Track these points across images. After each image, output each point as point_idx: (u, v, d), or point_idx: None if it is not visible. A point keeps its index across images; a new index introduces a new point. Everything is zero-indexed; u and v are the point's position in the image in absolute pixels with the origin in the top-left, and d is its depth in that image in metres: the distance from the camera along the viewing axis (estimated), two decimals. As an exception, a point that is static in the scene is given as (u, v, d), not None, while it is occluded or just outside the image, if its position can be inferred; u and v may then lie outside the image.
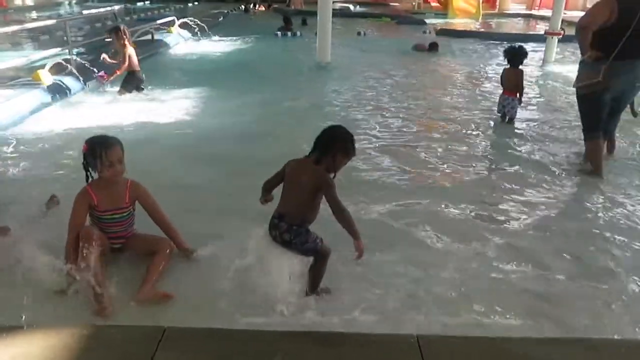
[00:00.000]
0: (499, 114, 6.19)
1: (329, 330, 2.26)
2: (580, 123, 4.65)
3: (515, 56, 6.05)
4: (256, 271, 2.68)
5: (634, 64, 4.16)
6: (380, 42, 13.69)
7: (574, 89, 4.56)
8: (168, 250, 2.94)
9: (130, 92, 6.91)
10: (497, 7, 22.04)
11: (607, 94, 4.26)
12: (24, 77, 6.93)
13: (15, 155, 4.77)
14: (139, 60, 7.08)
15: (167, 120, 5.98)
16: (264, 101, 6.90)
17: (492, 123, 6.17)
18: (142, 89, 7.07)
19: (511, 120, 6.07)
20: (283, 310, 2.49)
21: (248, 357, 2.04)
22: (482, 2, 19.52)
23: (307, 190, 2.49)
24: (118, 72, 6.95)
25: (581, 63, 4.41)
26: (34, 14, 20.50)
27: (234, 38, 13.56)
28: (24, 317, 2.36)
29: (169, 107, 6.50)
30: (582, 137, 4.64)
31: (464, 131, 5.80)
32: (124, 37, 6.76)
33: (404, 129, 5.82)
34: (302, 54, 11.05)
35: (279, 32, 14.26)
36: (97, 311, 2.49)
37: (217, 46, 12.35)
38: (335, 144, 2.48)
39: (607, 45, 4.09)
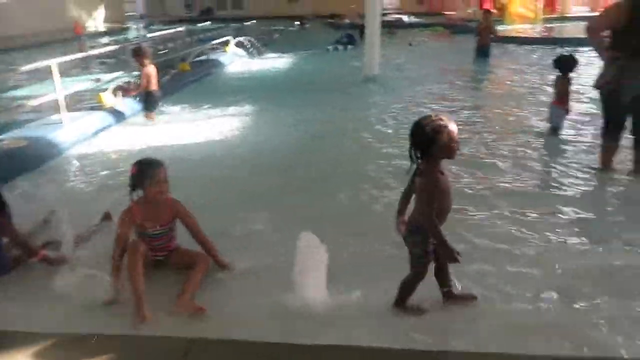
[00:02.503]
0: (549, 124, 5.98)
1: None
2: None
3: (563, 64, 5.85)
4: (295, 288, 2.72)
5: None
6: (432, 52, 13.57)
7: None
8: (206, 264, 3.10)
9: (153, 111, 7.08)
10: (558, 10, 21.17)
11: (625, 94, 4.16)
12: (89, 101, 7.47)
13: (76, 174, 5.23)
14: (159, 80, 7.27)
15: (217, 137, 6.31)
16: (307, 118, 7.06)
17: (540, 134, 5.96)
18: (155, 108, 7.16)
19: (555, 130, 5.85)
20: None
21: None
22: (542, 6, 18.84)
23: (417, 194, 2.51)
24: (133, 93, 7.39)
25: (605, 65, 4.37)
26: (105, 39, 21.90)
27: (287, 54, 13.94)
28: (70, 325, 2.58)
29: (219, 126, 6.82)
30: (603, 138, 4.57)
31: (507, 141, 5.70)
32: (144, 56, 6.91)
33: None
34: (350, 68, 11.18)
35: (330, 47, 14.54)
36: (136, 319, 2.67)
37: (270, 63, 12.75)
38: (424, 142, 2.36)
39: (620, 44, 4.09)
